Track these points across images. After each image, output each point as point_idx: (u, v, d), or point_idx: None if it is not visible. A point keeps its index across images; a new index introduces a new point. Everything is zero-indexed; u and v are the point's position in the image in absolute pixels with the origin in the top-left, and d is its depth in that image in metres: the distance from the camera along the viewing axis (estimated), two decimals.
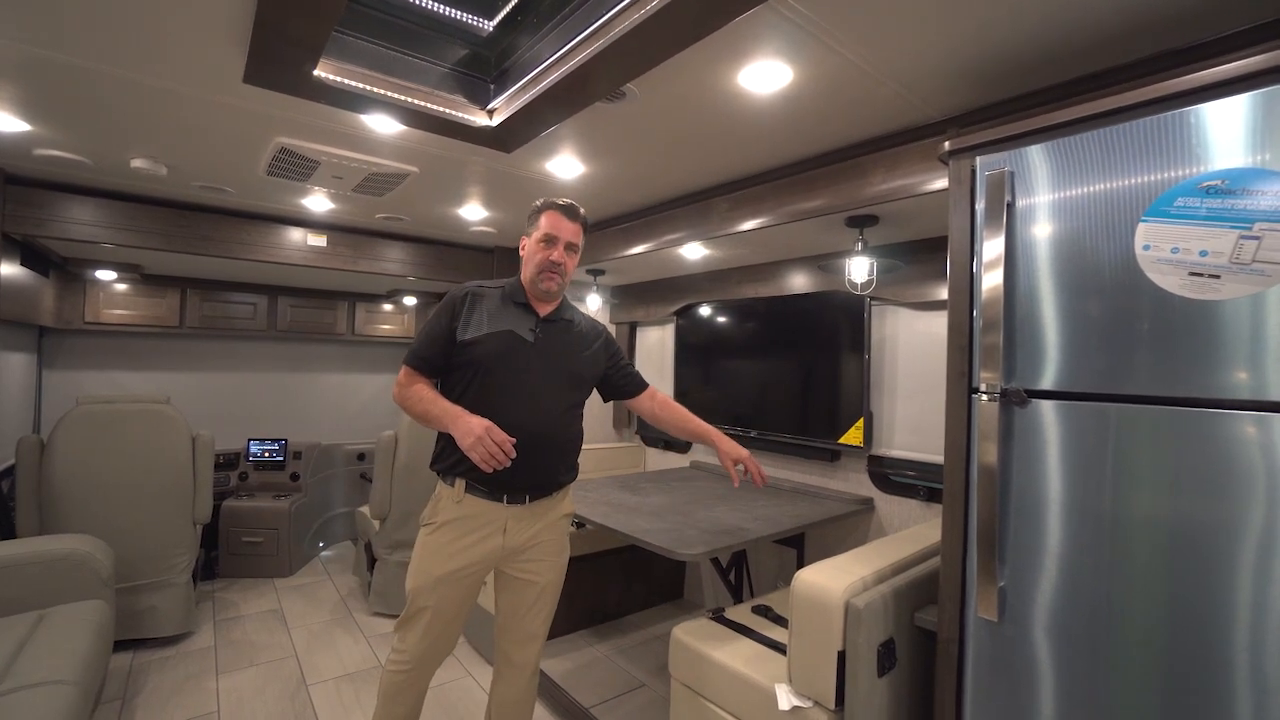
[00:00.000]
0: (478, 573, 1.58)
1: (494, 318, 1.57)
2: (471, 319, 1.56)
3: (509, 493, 1.54)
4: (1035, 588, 1.16)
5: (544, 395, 1.57)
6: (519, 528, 1.57)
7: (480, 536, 1.54)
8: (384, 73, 1.65)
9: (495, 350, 1.54)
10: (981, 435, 1.21)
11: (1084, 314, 1.12)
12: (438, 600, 1.54)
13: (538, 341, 1.59)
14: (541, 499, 1.60)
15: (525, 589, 1.63)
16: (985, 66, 1.46)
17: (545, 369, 1.58)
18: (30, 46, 1.46)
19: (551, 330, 1.63)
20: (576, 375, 1.66)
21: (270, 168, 2.30)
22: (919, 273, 2.32)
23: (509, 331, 1.56)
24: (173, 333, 3.93)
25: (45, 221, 2.59)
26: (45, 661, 1.70)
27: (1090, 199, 1.12)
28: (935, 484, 2.33)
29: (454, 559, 1.53)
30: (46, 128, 1.99)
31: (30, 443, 2.59)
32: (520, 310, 1.61)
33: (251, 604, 3.26)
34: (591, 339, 1.74)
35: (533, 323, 1.61)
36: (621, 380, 1.81)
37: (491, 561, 1.58)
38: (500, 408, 1.49)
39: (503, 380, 1.53)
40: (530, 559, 1.62)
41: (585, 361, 1.69)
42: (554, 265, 1.58)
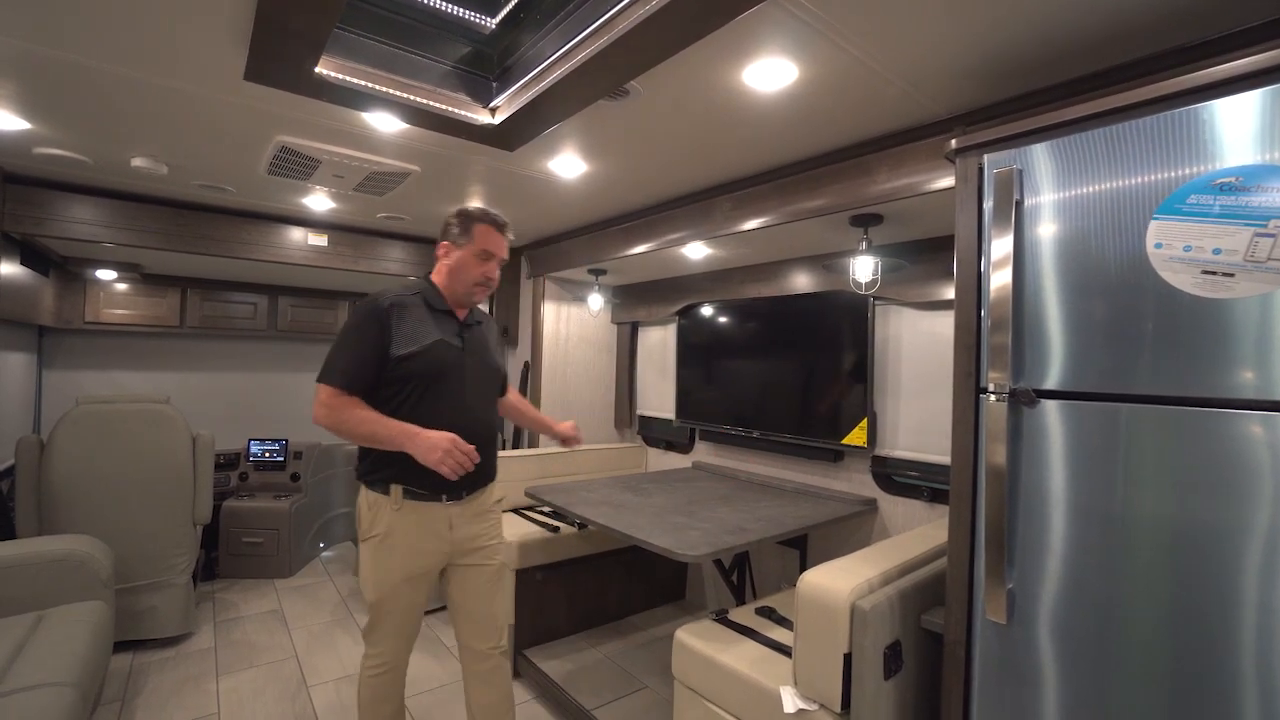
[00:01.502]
0: (433, 570, 1.66)
1: (425, 329, 1.59)
2: (402, 332, 1.55)
3: (447, 491, 1.59)
4: (1043, 590, 1.15)
5: (475, 396, 1.66)
6: (462, 522, 1.65)
7: (430, 536, 1.60)
8: (386, 70, 1.63)
9: (433, 362, 1.57)
10: (989, 435, 1.20)
11: (1092, 313, 1.11)
12: (405, 599, 1.61)
13: (464, 345, 1.67)
14: (477, 492, 1.69)
15: (478, 575, 1.69)
16: (992, 64, 1.45)
17: (473, 371, 1.67)
18: (30, 44, 1.45)
19: (471, 333, 1.71)
20: (493, 369, 1.77)
21: (271, 166, 2.29)
22: (923, 272, 2.31)
23: (441, 341, 1.61)
24: (173, 332, 3.92)
25: (45, 221, 2.58)
26: (44, 663, 1.69)
27: (1099, 197, 1.11)
28: (939, 484, 2.32)
29: (411, 562, 1.58)
30: (46, 126, 1.98)
31: (30, 443, 2.58)
32: (444, 317, 1.66)
33: (252, 605, 3.25)
34: (494, 332, 1.86)
35: (457, 328, 1.68)
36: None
37: (444, 558, 1.65)
38: (441, 416, 1.55)
39: (442, 389, 1.58)
40: (477, 546, 1.69)
41: (497, 355, 1.82)
42: (488, 281, 1.67)
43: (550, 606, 2.75)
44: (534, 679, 2.51)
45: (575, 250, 3.23)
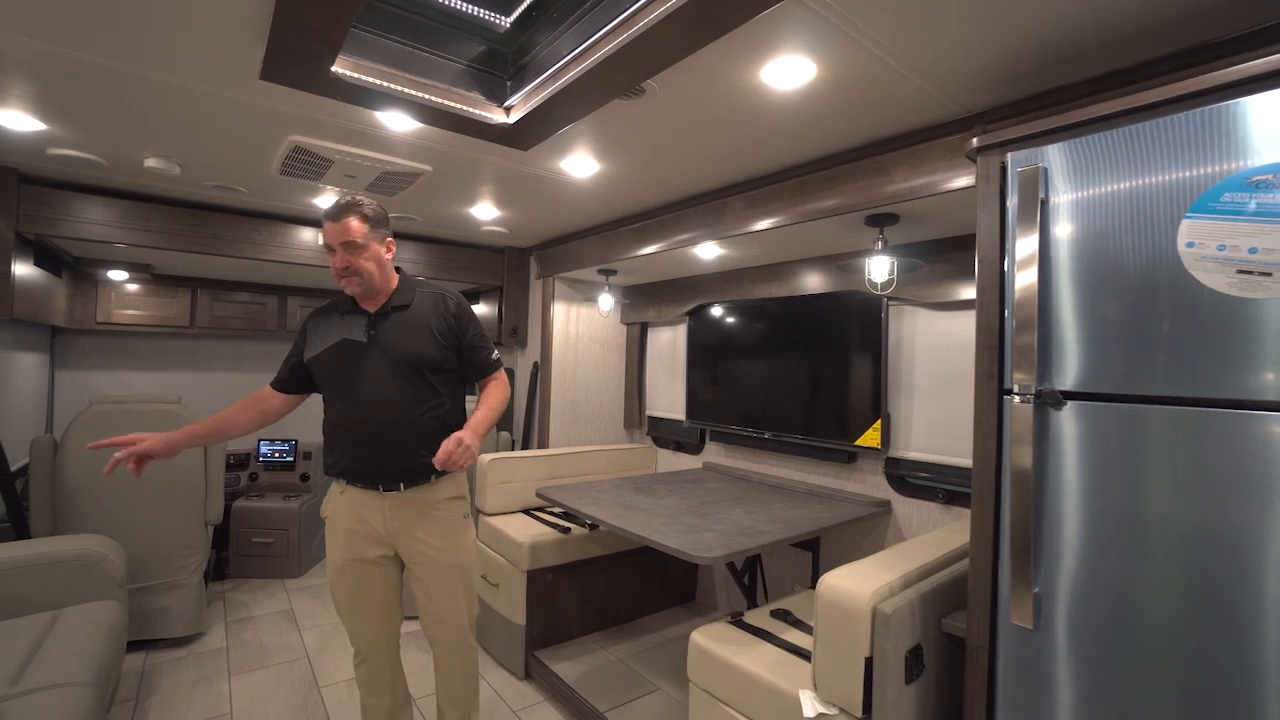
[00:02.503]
0: (373, 556, 1.68)
1: (328, 332, 1.70)
2: (313, 339, 1.72)
3: (381, 482, 1.64)
4: (1068, 594, 1.13)
5: (383, 388, 1.63)
6: (399, 513, 1.66)
7: (361, 521, 1.66)
8: (401, 69, 1.63)
9: (330, 362, 1.67)
10: (1014, 438, 1.18)
11: (1114, 313, 1.10)
12: (342, 585, 1.68)
13: (370, 339, 1.66)
14: (419, 485, 1.67)
15: (429, 572, 1.70)
16: (1012, 62, 1.43)
17: (381, 363, 1.65)
18: (45, 43, 1.45)
19: (383, 323, 1.68)
20: (416, 356, 1.65)
21: (283, 167, 2.28)
22: (939, 272, 2.29)
23: (342, 341, 1.67)
24: (183, 333, 3.93)
25: (58, 221, 2.59)
26: (61, 663, 1.69)
27: (1127, 195, 1.09)
28: (955, 486, 2.30)
29: (347, 547, 1.67)
30: (61, 127, 1.98)
31: (44, 443, 2.58)
32: (352, 316, 1.70)
33: (262, 605, 3.25)
34: (433, 315, 1.71)
35: (364, 323, 1.68)
36: (468, 361, 1.75)
37: (380, 543, 1.68)
38: (345, 409, 1.65)
39: (341, 385, 1.66)
40: (427, 543, 1.68)
41: (423, 340, 1.67)
42: (342, 271, 1.63)
43: (561, 607, 2.74)
44: (545, 680, 2.50)
45: (585, 250, 3.23)
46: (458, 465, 1.53)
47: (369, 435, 1.62)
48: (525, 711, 2.34)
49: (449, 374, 1.73)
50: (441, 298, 1.76)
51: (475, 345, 1.76)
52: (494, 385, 1.79)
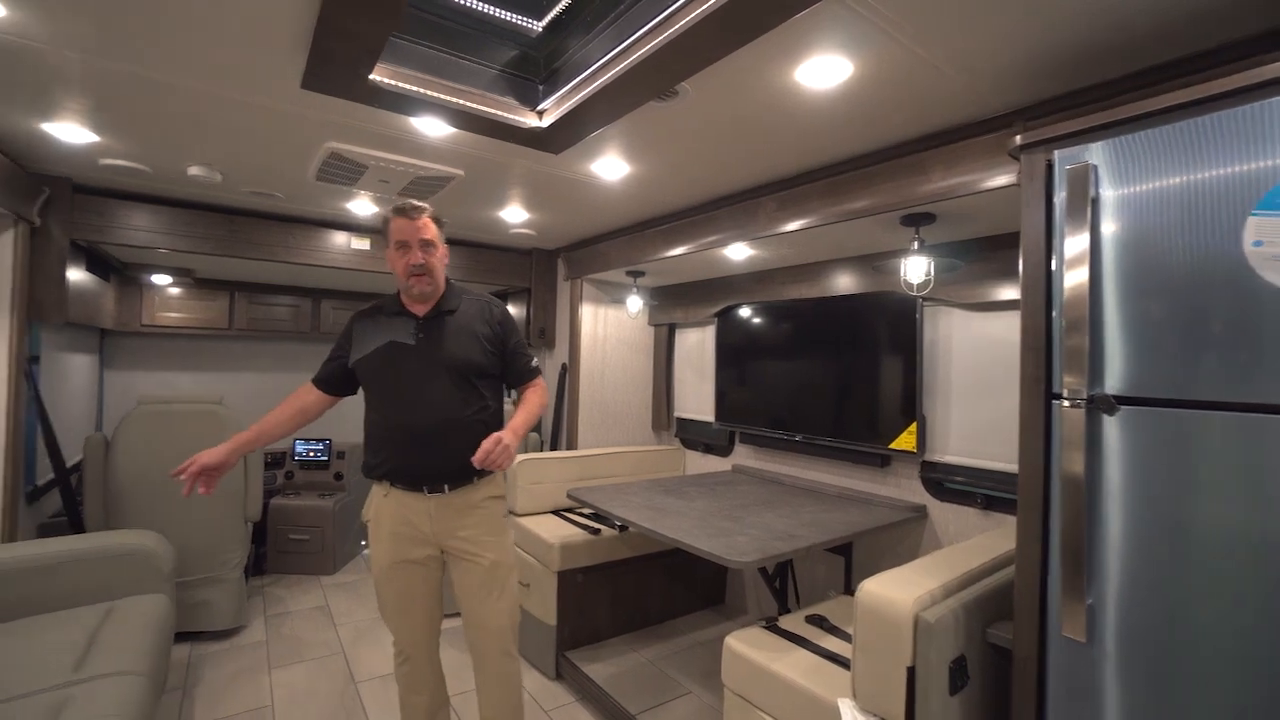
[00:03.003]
0: (419, 557, 1.69)
1: (375, 334, 1.71)
2: (359, 340, 1.73)
3: (426, 483, 1.65)
4: (1122, 607, 1.09)
5: (429, 391, 1.65)
6: (444, 514, 1.68)
7: (406, 524, 1.67)
8: (436, 75, 1.65)
9: (377, 363, 1.68)
10: (1065, 443, 1.14)
11: (1171, 314, 1.05)
12: (390, 586, 1.71)
13: (419, 343, 1.68)
14: (461, 486, 1.68)
15: (471, 570, 1.70)
16: (1056, 56, 1.39)
17: (428, 366, 1.67)
18: (100, 59, 1.50)
19: (432, 326, 1.71)
20: (464, 361, 1.69)
21: (319, 172, 2.33)
22: (976, 272, 2.23)
23: (390, 343, 1.68)
24: (222, 334, 4.05)
25: (107, 228, 2.69)
26: (118, 653, 1.76)
27: (1179, 192, 1.05)
28: (995, 491, 2.24)
29: (392, 549, 1.68)
30: (112, 138, 2.05)
31: (97, 441, 2.68)
32: (400, 318, 1.72)
33: (299, 600, 3.33)
34: (478, 321, 1.75)
35: (413, 326, 1.70)
36: (510, 366, 1.79)
37: (426, 544, 1.69)
38: (390, 412, 1.67)
39: (387, 387, 1.68)
40: (464, 545, 1.69)
41: (470, 344, 1.71)
42: (417, 268, 1.66)
43: (591, 609, 2.75)
44: (576, 681, 2.51)
45: (614, 252, 3.23)
46: (496, 464, 1.55)
47: (415, 437, 1.64)
48: (557, 712, 2.35)
49: (492, 379, 1.76)
50: (487, 304, 1.80)
51: (517, 352, 1.80)
52: (533, 391, 1.81)
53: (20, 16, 1.33)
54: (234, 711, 2.27)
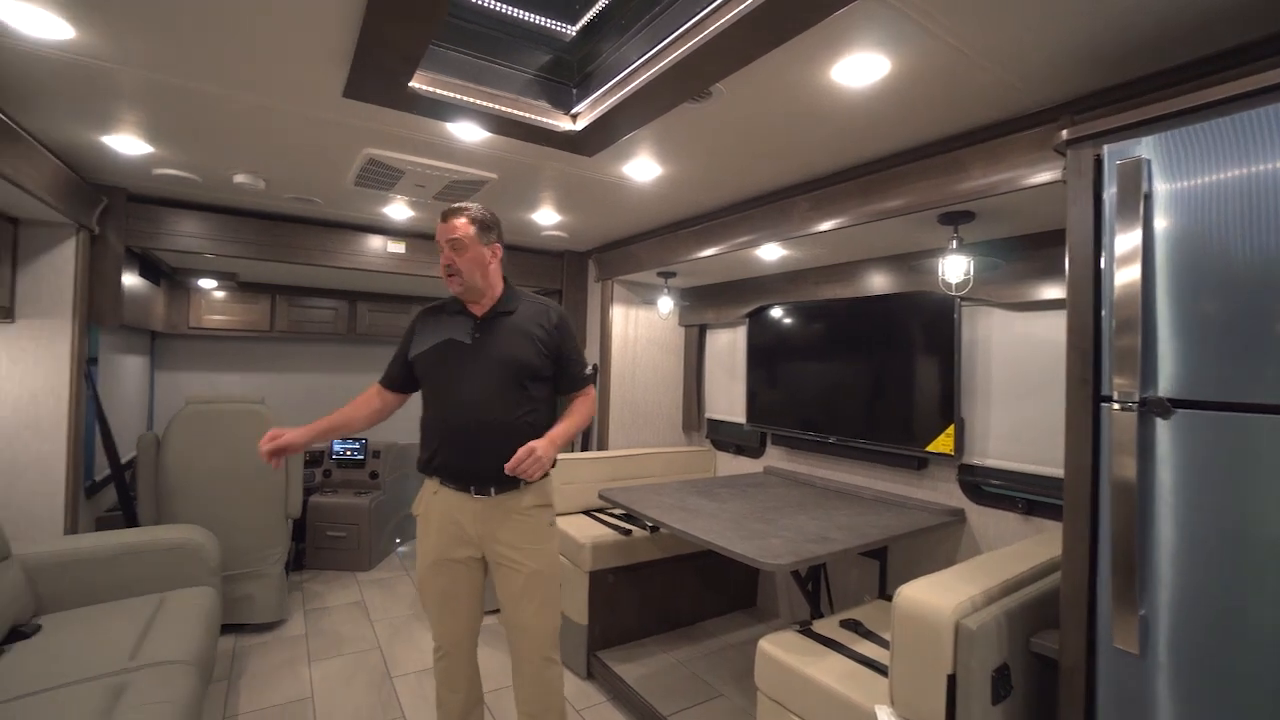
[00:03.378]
0: (462, 557, 1.71)
1: (435, 331, 1.74)
2: (419, 337, 1.76)
3: (474, 484, 1.67)
4: (1176, 618, 1.05)
5: (482, 391, 1.66)
6: (489, 515, 1.68)
7: (453, 523, 1.69)
8: (472, 81, 1.68)
9: (432, 360, 1.71)
10: (1116, 448, 1.11)
11: (1229, 314, 1.01)
12: (433, 583, 1.72)
13: (476, 342, 1.70)
14: (509, 491, 1.68)
15: (511, 576, 1.71)
16: (1103, 48, 1.34)
17: (483, 366, 1.68)
18: (156, 73, 1.57)
19: (489, 327, 1.72)
20: (519, 363, 1.69)
21: (358, 178, 2.39)
22: (1017, 271, 2.18)
23: (446, 340, 1.71)
24: (264, 336, 4.19)
25: (159, 235, 2.80)
26: (170, 642, 1.84)
27: (1238, 187, 1.01)
28: (1037, 496, 2.18)
29: (438, 546, 1.71)
30: (165, 148, 2.14)
31: (149, 439, 2.80)
32: (459, 317, 1.74)
33: (336, 595, 3.41)
34: (534, 324, 1.74)
35: (471, 325, 1.72)
36: (562, 372, 1.78)
37: (469, 544, 1.70)
38: (441, 408, 1.69)
39: (442, 384, 1.70)
40: (511, 546, 1.69)
41: (525, 346, 1.71)
42: (446, 269, 1.70)
43: (622, 609, 2.75)
44: (608, 681, 2.52)
45: (645, 253, 3.24)
46: (527, 474, 1.56)
47: (465, 435, 1.65)
48: (588, 711, 2.36)
49: (544, 382, 1.75)
50: (545, 309, 1.79)
51: (571, 358, 1.80)
52: (581, 400, 1.80)
53: (88, 38, 1.40)
54: (276, 702, 2.34)
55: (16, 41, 1.43)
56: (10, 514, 2.25)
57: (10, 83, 1.64)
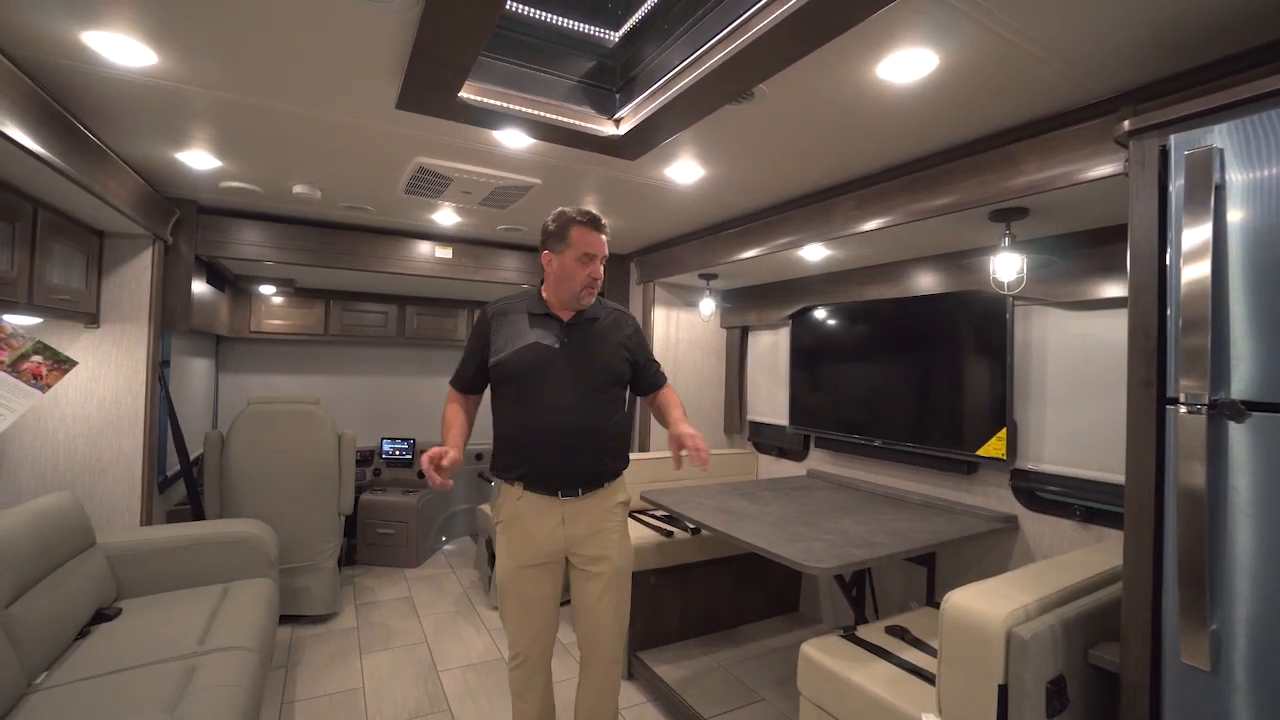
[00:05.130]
0: (549, 561, 1.69)
1: (520, 333, 1.69)
2: (499, 338, 1.70)
3: (561, 488, 1.65)
4: (1256, 635, 0.99)
5: (574, 396, 1.65)
6: (576, 518, 1.67)
7: (542, 528, 1.65)
8: (518, 89, 1.72)
9: (521, 364, 1.66)
10: (1183, 453, 1.06)
11: None
12: (519, 588, 1.69)
13: (564, 346, 1.68)
14: (594, 490, 1.68)
15: (592, 580, 1.71)
16: (1165, 33, 1.28)
17: (573, 371, 1.66)
18: (227, 93, 1.67)
19: (576, 332, 1.71)
20: (606, 368, 1.71)
21: (408, 186, 2.48)
22: (1074, 269, 2.09)
23: (533, 344, 1.67)
24: (319, 339, 4.36)
25: (225, 244, 2.97)
26: (235, 629, 1.95)
27: None
28: (1096, 503, 2.09)
29: (525, 550, 1.66)
30: (231, 162, 2.27)
31: (214, 437, 2.96)
32: (544, 320, 1.71)
33: (386, 591, 3.53)
34: (617, 330, 1.78)
35: (558, 329, 1.70)
36: (642, 375, 1.83)
37: (558, 550, 1.68)
38: (533, 414, 1.64)
39: (531, 389, 1.65)
40: (593, 549, 1.69)
41: (613, 353, 1.74)
42: (594, 281, 1.67)
43: (664, 610, 2.76)
44: (648, 681, 2.53)
45: (686, 255, 3.24)
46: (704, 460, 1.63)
47: (557, 441, 1.63)
48: (629, 711, 2.38)
49: (623, 387, 1.80)
50: (621, 315, 1.84)
51: (650, 361, 1.86)
52: (672, 393, 1.89)
53: (167, 63, 1.51)
54: (330, 691, 2.43)
55: (105, 69, 1.54)
56: (94, 506, 2.42)
57: (99, 106, 1.77)
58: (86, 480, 2.45)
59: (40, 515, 1.90)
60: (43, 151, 1.63)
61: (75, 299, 2.27)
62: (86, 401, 2.45)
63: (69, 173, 1.77)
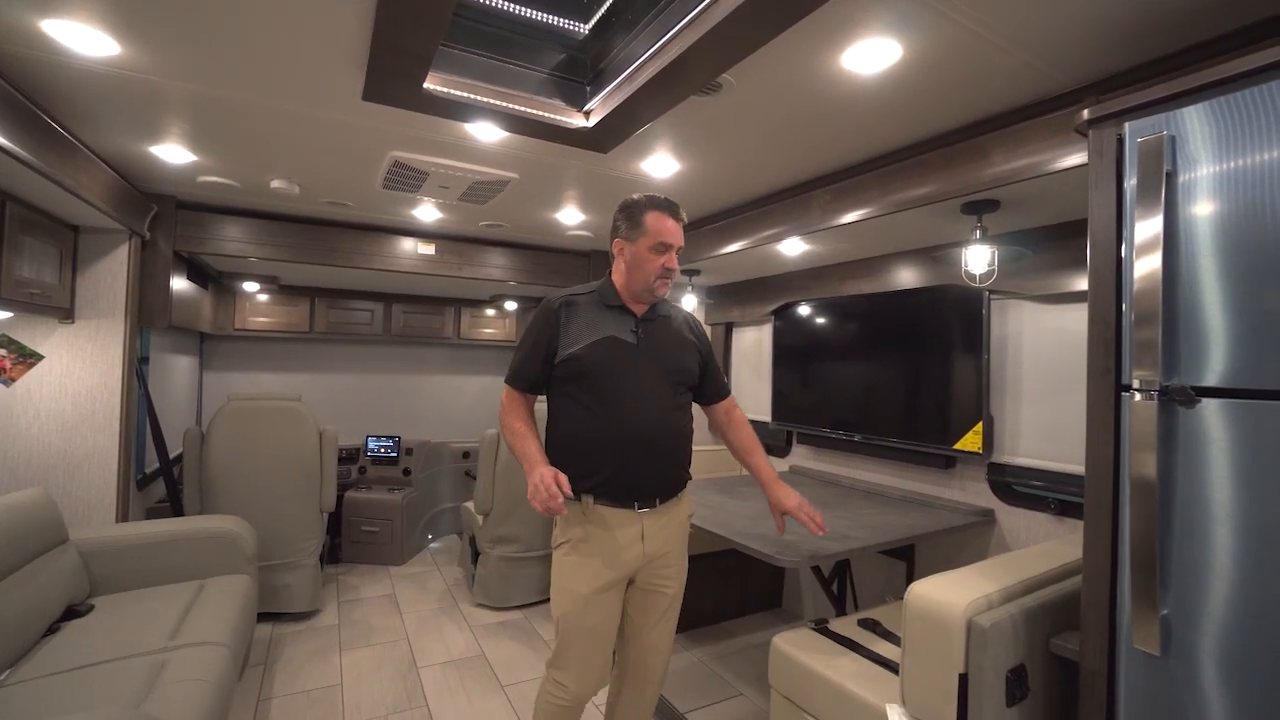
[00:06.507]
0: (617, 584, 1.50)
1: (593, 326, 1.52)
2: (570, 331, 1.52)
3: (639, 499, 1.48)
4: (1207, 618, 0.99)
5: (652, 395, 1.51)
6: (654, 532, 1.50)
7: (620, 545, 1.47)
8: (486, 81, 1.72)
9: (599, 359, 1.49)
10: (1135, 439, 1.06)
11: (1269, 297, 0.95)
12: (590, 619, 1.47)
13: (640, 343, 1.53)
14: (669, 501, 1.54)
15: (656, 599, 1.56)
16: (1129, 21, 1.29)
17: (649, 369, 1.52)
18: (192, 84, 1.66)
19: (650, 329, 1.57)
20: (679, 369, 1.58)
21: (385, 181, 2.47)
22: (1046, 262, 2.10)
23: (610, 338, 1.51)
24: (304, 337, 4.35)
25: (205, 240, 2.95)
26: (208, 625, 1.93)
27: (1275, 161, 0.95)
28: (1069, 496, 2.09)
29: (600, 574, 1.46)
30: (207, 156, 2.26)
31: (194, 434, 2.95)
32: (617, 313, 1.56)
33: (369, 588, 3.52)
34: (687, 330, 1.66)
35: (632, 324, 1.55)
36: (708, 380, 1.69)
37: (629, 567, 1.49)
38: (611, 415, 1.46)
39: (610, 387, 1.49)
40: (663, 566, 1.54)
41: (685, 353, 1.61)
42: (669, 272, 1.53)
43: None
44: None
45: None
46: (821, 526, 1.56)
47: (640, 446, 1.47)
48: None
49: (692, 390, 1.65)
50: (686, 314, 1.71)
51: (716, 365, 1.71)
52: (745, 423, 1.76)
53: (131, 53, 1.50)
54: (308, 687, 2.42)
55: (70, 59, 1.53)
56: (69, 502, 2.41)
57: (67, 98, 1.76)
58: (60, 476, 2.43)
59: (9, 510, 1.89)
60: (5, 143, 1.61)
61: (48, 293, 2.26)
62: (60, 397, 2.44)
63: (35, 165, 1.76)
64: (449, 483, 4.67)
